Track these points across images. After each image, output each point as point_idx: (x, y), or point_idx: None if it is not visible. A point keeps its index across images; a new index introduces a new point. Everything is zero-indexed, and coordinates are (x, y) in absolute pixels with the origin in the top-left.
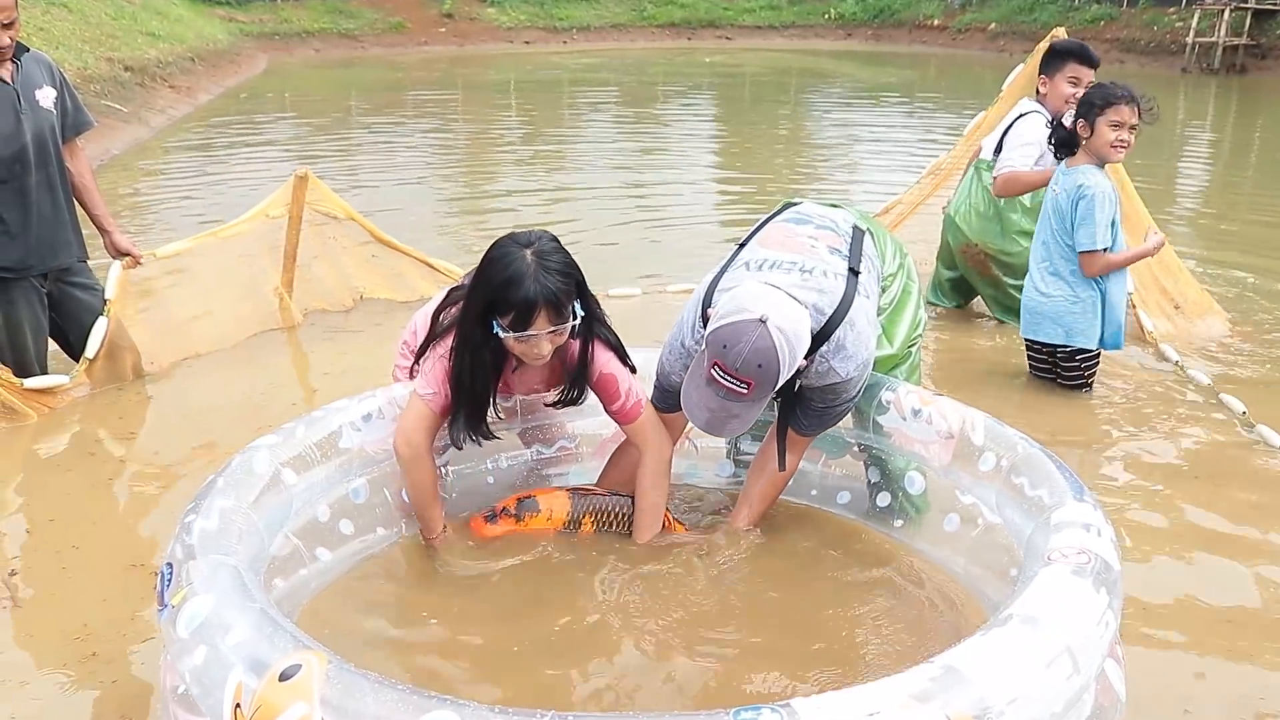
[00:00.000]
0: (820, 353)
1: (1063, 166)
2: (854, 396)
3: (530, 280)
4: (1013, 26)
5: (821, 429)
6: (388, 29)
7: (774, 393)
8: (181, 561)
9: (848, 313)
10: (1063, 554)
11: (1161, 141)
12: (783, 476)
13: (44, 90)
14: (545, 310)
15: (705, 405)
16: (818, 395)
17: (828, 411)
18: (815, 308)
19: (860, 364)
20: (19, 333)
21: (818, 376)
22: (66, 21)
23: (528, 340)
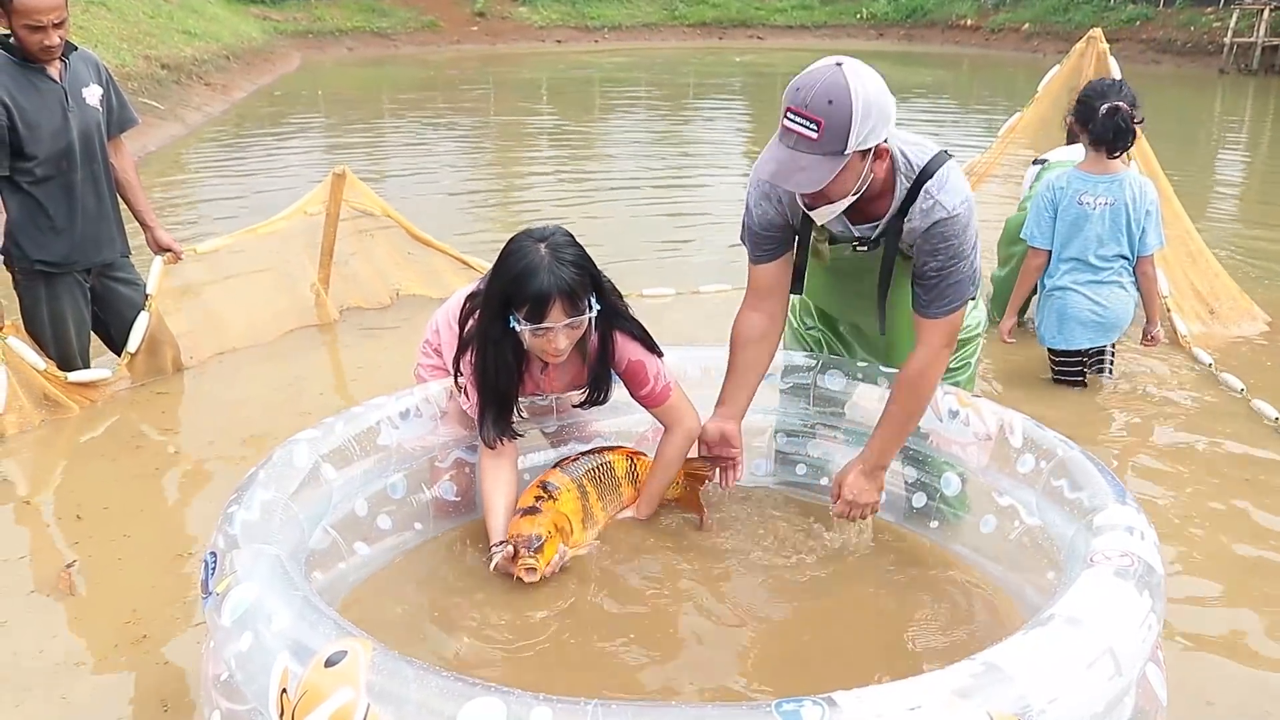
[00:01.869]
0: (925, 188)
1: (1128, 174)
2: (968, 254)
3: (544, 272)
4: (1047, 27)
5: (943, 307)
6: (420, 27)
7: (845, 152)
8: (224, 551)
9: (950, 159)
10: (1105, 556)
11: (1198, 142)
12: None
13: (91, 88)
14: (560, 301)
15: (775, 158)
16: (930, 251)
17: (944, 275)
18: (917, 144)
19: (965, 200)
20: (63, 326)
21: (923, 216)
22: (105, 20)
23: (544, 335)
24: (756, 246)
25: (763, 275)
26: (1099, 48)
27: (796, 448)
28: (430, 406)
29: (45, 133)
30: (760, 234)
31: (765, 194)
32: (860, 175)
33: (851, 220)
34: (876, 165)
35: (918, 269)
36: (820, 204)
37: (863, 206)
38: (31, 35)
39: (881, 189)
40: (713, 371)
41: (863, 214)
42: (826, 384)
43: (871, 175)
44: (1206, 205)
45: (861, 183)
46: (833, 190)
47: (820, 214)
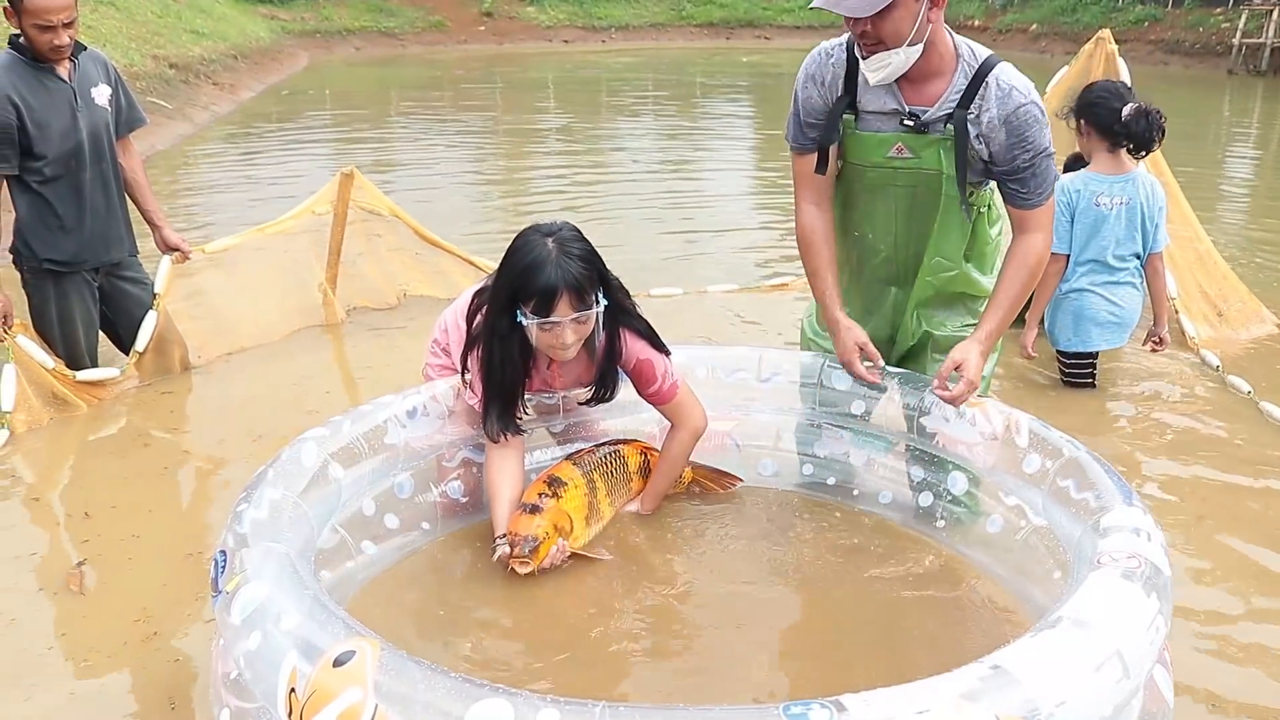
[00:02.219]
0: (994, 75)
1: (1139, 172)
2: (1049, 145)
3: (551, 266)
4: (1055, 27)
5: (1044, 194)
6: (428, 27)
7: None
8: (234, 549)
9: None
10: (1113, 558)
11: (1207, 143)
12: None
13: (99, 88)
14: (567, 295)
15: None
16: (1017, 143)
17: (1035, 164)
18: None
19: (1033, 86)
20: (71, 326)
21: (1000, 103)
22: (114, 20)
23: (551, 330)
24: (800, 133)
25: (802, 165)
26: (1108, 49)
27: (805, 447)
28: (437, 405)
29: (54, 132)
30: (803, 120)
31: (811, 76)
32: (915, 18)
33: (905, 96)
34: (933, 13)
35: (1008, 168)
36: (876, 48)
37: (917, 78)
38: (41, 35)
39: (939, 66)
40: (719, 371)
41: (916, 90)
42: (834, 384)
43: (929, 26)
44: (1215, 207)
45: (917, 33)
46: (887, 28)
47: (875, 65)
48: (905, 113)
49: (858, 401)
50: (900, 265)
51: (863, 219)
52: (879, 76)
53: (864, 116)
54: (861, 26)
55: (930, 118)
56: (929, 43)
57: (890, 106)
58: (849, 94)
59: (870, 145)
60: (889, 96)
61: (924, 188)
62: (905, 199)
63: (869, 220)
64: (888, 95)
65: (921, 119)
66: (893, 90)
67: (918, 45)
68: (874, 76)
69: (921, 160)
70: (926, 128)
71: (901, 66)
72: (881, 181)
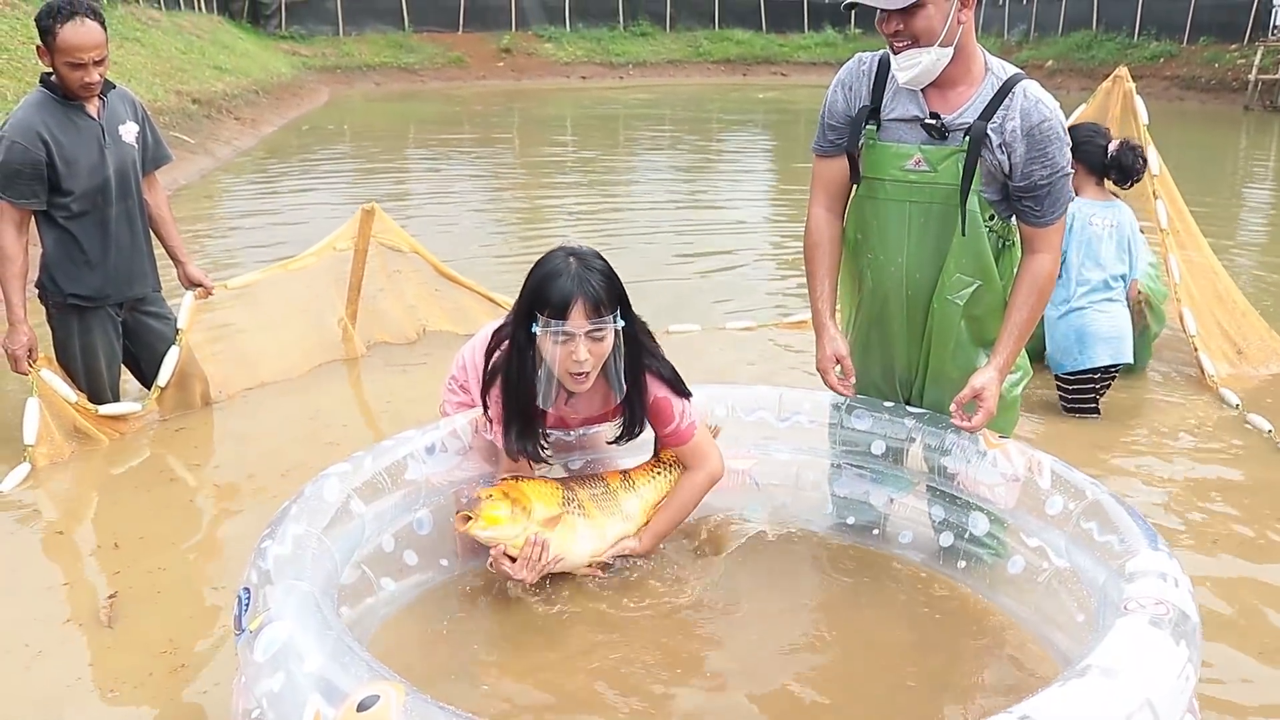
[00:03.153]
0: (1020, 87)
1: (1117, 203)
2: (1067, 163)
3: (569, 276)
4: (1070, 63)
5: (1056, 212)
6: (447, 63)
7: None
8: (258, 586)
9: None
10: (1140, 604)
11: (1224, 179)
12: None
13: (127, 125)
14: (582, 303)
15: None
16: (1037, 158)
17: (1053, 181)
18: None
19: (1058, 105)
20: (94, 360)
21: (1024, 116)
22: (139, 56)
23: (565, 341)
24: (822, 135)
25: (822, 170)
26: (1125, 86)
27: (825, 487)
28: (456, 441)
29: (82, 168)
30: (827, 123)
31: (841, 81)
32: (946, 17)
33: (930, 102)
34: (963, 14)
35: (1025, 184)
36: (907, 44)
37: (944, 85)
38: (73, 73)
39: (966, 74)
40: (739, 410)
41: (941, 97)
42: (854, 424)
43: (960, 30)
44: (1234, 244)
45: (949, 33)
46: (918, 24)
47: (906, 63)
48: (926, 115)
49: (878, 441)
50: (910, 289)
51: (874, 239)
52: (908, 76)
53: (886, 125)
54: (894, 25)
55: (952, 123)
56: (958, 49)
57: (913, 113)
58: (874, 102)
59: (889, 157)
60: (912, 103)
61: (939, 205)
62: (919, 216)
63: (880, 240)
64: (911, 102)
65: (943, 121)
66: (917, 97)
67: (948, 48)
68: (903, 75)
69: (938, 174)
70: (947, 135)
71: (931, 68)
72: (897, 195)
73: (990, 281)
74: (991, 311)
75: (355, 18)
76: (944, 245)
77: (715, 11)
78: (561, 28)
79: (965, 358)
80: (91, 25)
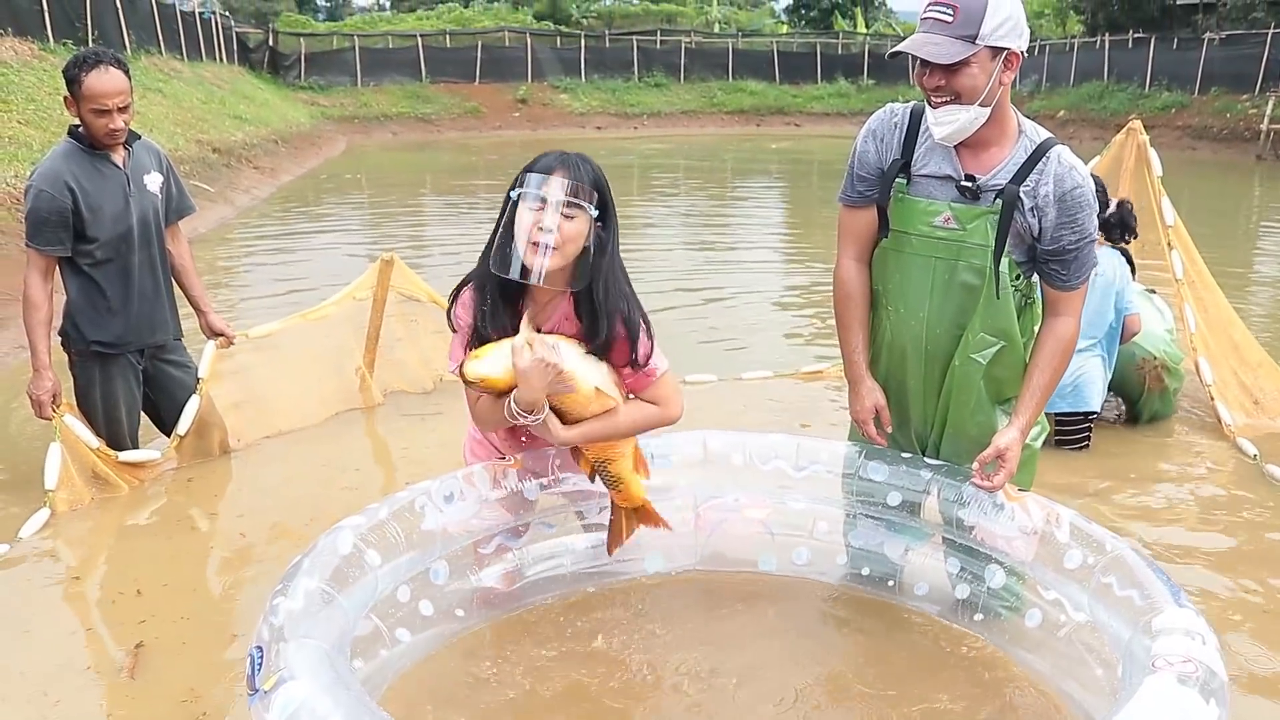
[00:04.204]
0: (1054, 152)
1: (1105, 250)
2: (1095, 229)
3: (557, 156)
4: (1082, 114)
5: (1081, 276)
6: (463, 113)
7: (976, 39)
8: (270, 643)
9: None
10: (1168, 661)
11: (1238, 229)
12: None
13: (151, 175)
14: (561, 172)
15: (910, 38)
16: (1067, 223)
17: (1080, 246)
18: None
19: (1089, 173)
20: (114, 408)
21: (1057, 181)
22: (161, 106)
23: (537, 207)
24: (851, 186)
25: (849, 221)
26: (1139, 139)
27: (841, 537)
28: (474, 490)
29: (107, 216)
30: (857, 173)
31: (872, 131)
32: (989, 77)
33: (963, 162)
34: (1005, 75)
35: (1054, 247)
36: (947, 99)
37: (976, 145)
38: (98, 119)
39: (1000, 137)
40: (756, 458)
41: (975, 157)
42: (870, 475)
43: (1000, 91)
44: (1249, 293)
45: (990, 93)
46: (962, 82)
47: (944, 119)
48: (961, 177)
49: (894, 493)
50: (930, 344)
51: (896, 292)
52: (944, 131)
53: (916, 180)
54: (936, 79)
55: (985, 185)
56: (995, 109)
57: (945, 171)
58: (905, 156)
59: (917, 212)
60: (945, 161)
61: (965, 263)
62: (944, 272)
63: (902, 293)
64: (944, 160)
65: (977, 183)
66: (950, 155)
67: (987, 108)
68: (939, 131)
69: (967, 233)
70: (979, 196)
71: (967, 126)
72: (924, 251)
73: (1013, 342)
74: (1012, 371)
75: (373, 69)
76: (967, 302)
77: (729, 63)
78: (577, 79)
79: (985, 415)
80: (115, 73)
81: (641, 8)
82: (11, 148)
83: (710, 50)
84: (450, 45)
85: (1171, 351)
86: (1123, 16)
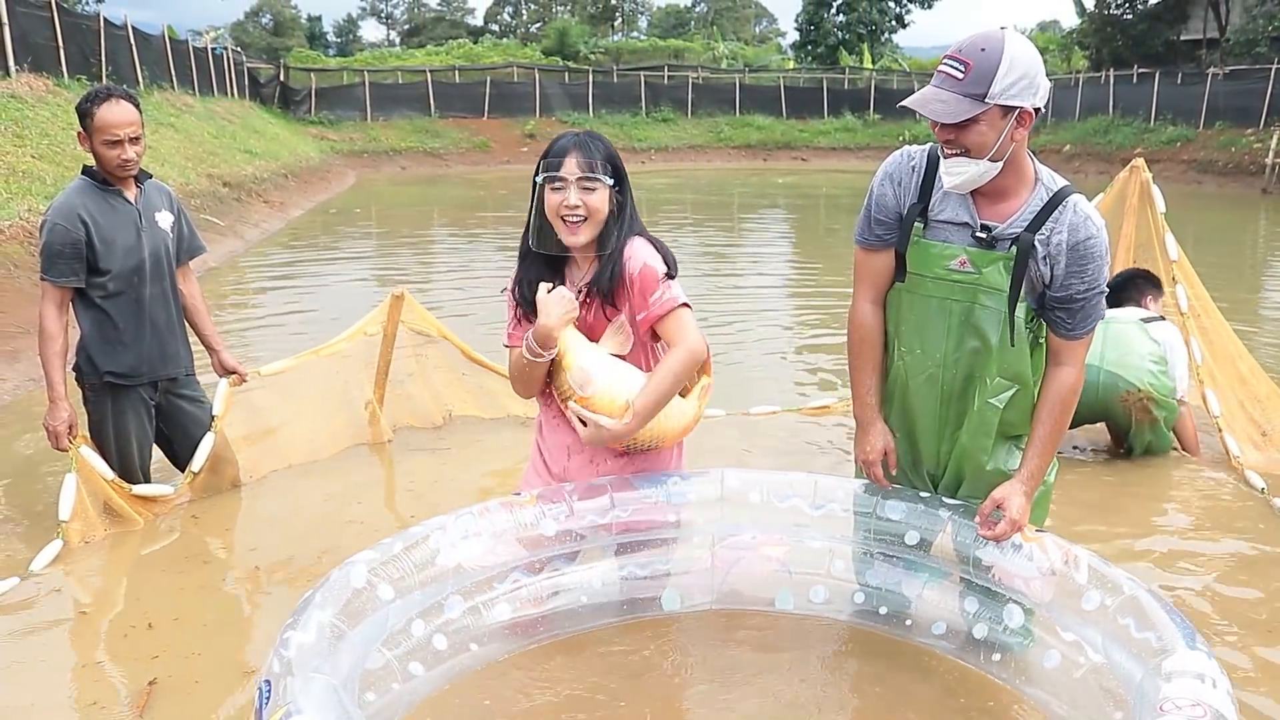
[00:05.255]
0: (1070, 200)
1: None
2: (1105, 279)
3: (570, 136)
4: (1088, 148)
5: (1087, 327)
6: (472, 148)
7: (985, 98)
8: (279, 677)
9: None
10: (1176, 705)
11: (1244, 262)
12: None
13: (163, 213)
14: (576, 153)
15: (920, 93)
16: (1077, 272)
17: (1089, 296)
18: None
19: (1104, 225)
20: (126, 441)
21: (1072, 230)
22: (173, 140)
23: (559, 188)
24: (868, 228)
25: (866, 263)
26: (1142, 177)
27: (857, 576)
28: (489, 524)
29: (119, 248)
30: (873, 216)
31: (889, 174)
32: (1000, 134)
33: (979, 210)
34: (1018, 132)
35: (1062, 294)
36: (957, 153)
37: (992, 194)
38: (109, 150)
39: (1016, 185)
40: (772, 496)
41: (991, 206)
42: (888, 514)
43: (1012, 146)
44: (1256, 325)
45: (1000, 149)
46: (971, 138)
47: (954, 169)
48: (977, 226)
49: (912, 532)
50: (946, 385)
51: (912, 333)
52: (953, 182)
53: (933, 225)
54: (947, 134)
55: (1001, 234)
56: (1010, 160)
57: (962, 219)
58: (923, 201)
59: (933, 255)
60: (962, 208)
61: (980, 305)
62: (960, 314)
63: (918, 334)
64: (961, 207)
65: (993, 233)
66: (966, 203)
67: (998, 162)
68: (949, 180)
69: (982, 276)
70: (995, 244)
71: (977, 178)
72: (939, 293)
73: (1026, 386)
74: (1022, 413)
75: (383, 104)
76: (983, 344)
77: (736, 98)
78: (585, 114)
79: (999, 455)
80: (126, 105)
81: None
82: (25, 182)
83: (717, 85)
84: (459, 81)
85: (1158, 383)
86: (1127, 52)
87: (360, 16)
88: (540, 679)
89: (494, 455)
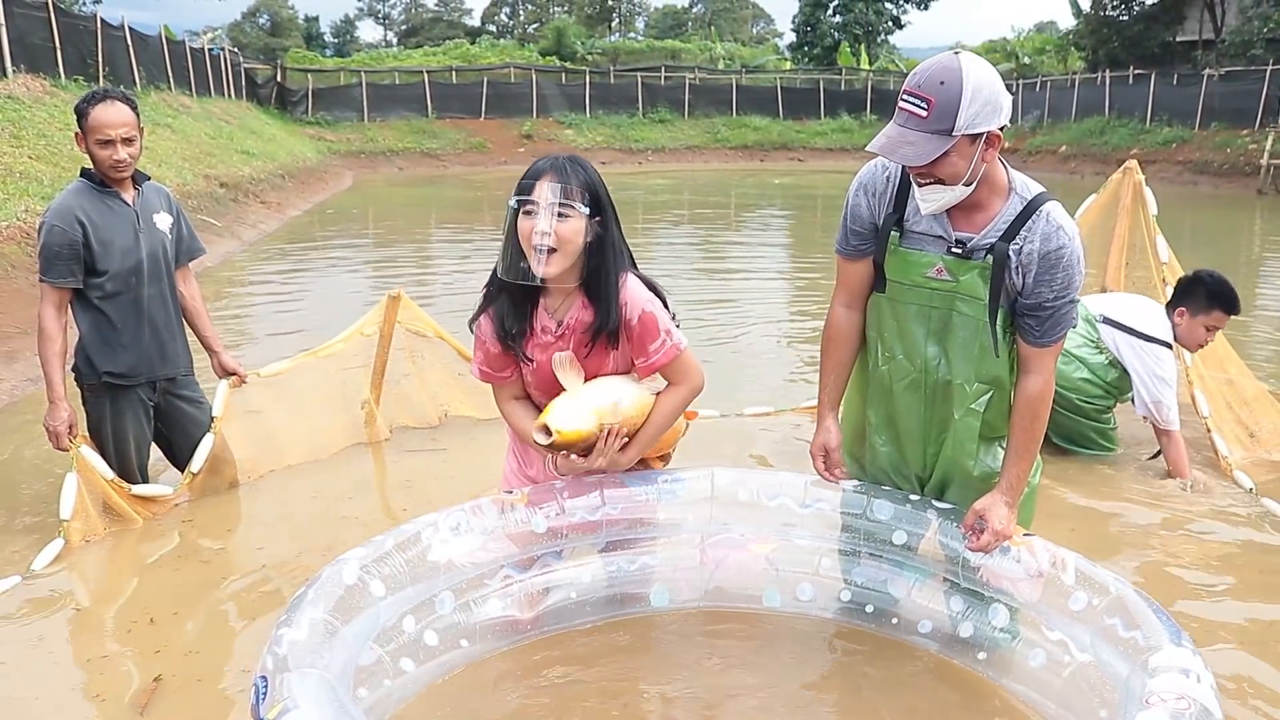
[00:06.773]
0: (1044, 209)
1: None
2: (1077, 287)
3: (548, 159)
4: (1084, 149)
5: (1056, 334)
6: (469, 148)
7: (952, 132)
8: (274, 673)
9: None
10: (1161, 698)
11: (1239, 263)
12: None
13: (161, 215)
14: (550, 176)
15: (886, 133)
16: (1047, 280)
17: (1058, 304)
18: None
19: (1078, 233)
20: (124, 441)
21: (1044, 240)
22: (170, 141)
23: (530, 212)
24: (845, 239)
25: (845, 270)
26: (1135, 179)
27: (844, 574)
28: (480, 521)
29: (116, 249)
30: (850, 227)
31: (863, 185)
32: (971, 160)
33: (953, 222)
34: (988, 154)
35: (1031, 302)
36: (931, 182)
37: (967, 206)
38: (102, 150)
39: (989, 197)
40: (762, 494)
41: (966, 218)
42: (876, 514)
43: (984, 166)
44: (1248, 328)
45: (973, 173)
46: (944, 170)
47: (929, 196)
48: (952, 240)
49: (900, 532)
50: (928, 389)
51: (894, 339)
52: (930, 207)
53: (910, 235)
54: (918, 169)
55: (975, 245)
56: (982, 177)
57: (937, 232)
58: (899, 211)
59: (911, 263)
60: (936, 222)
61: (958, 312)
62: (939, 320)
63: (899, 340)
64: (935, 220)
65: (967, 246)
66: (940, 217)
67: (972, 184)
68: (925, 207)
69: (959, 284)
70: (971, 255)
71: (952, 201)
72: (918, 300)
73: (1002, 389)
74: (1002, 413)
75: (380, 105)
76: (963, 347)
77: (733, 99)
78: (582, 114)
79: (983, 457)
80: (121, 106)
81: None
82: (23, 182)
83: (714, 86)
84: (456, 81)
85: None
86: (1123, 53)
87: (357, 17)
88: (530, 675)
89: (490, 454)
